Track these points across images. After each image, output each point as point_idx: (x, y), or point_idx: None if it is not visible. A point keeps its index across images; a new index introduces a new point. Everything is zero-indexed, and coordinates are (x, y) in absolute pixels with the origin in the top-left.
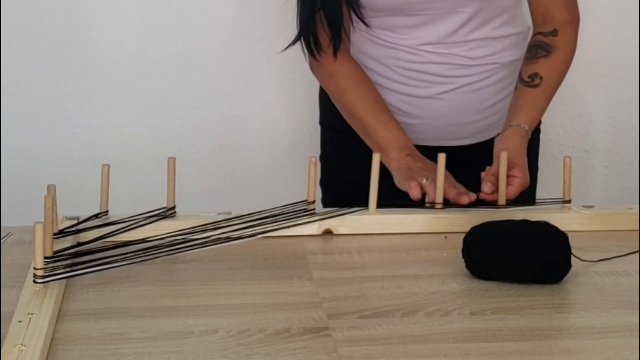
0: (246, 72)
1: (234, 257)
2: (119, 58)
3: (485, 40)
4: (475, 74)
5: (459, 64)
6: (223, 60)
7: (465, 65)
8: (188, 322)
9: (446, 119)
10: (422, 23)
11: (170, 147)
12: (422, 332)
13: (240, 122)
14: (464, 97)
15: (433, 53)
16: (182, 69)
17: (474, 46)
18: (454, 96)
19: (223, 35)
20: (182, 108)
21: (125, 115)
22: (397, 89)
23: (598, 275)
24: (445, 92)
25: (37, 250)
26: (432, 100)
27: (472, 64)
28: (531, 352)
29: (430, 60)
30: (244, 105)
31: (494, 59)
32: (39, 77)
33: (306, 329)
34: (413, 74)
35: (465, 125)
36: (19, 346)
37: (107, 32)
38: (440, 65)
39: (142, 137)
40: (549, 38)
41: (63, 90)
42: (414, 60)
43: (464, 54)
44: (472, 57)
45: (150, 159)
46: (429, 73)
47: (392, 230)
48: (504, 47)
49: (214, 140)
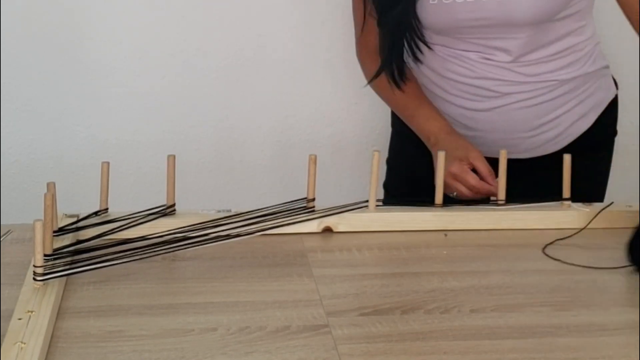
0: (245, 69)
1: (234, 255)
2: (119, 56)
3: (543, 59)
4: (532, 90)
5: (513, 81)
6: (222, 57)
7: (521, 82)
8: (188, 319)
9: (501, 133)
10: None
11: (169, 144)
12: (421, 329)
13: (240, 119)
14: (520, 112)
15: (487, 70)
16: (181, 66)
17: (530, 64)
18: (509, 111)
19: (222, 32)
20: (181, 105)
21: (125, 113)
22: (453, 101)
23: (597, 272)
24: (501, 106)
25: (37, 247)
26: (488, 113)
27: (529, 81)
28: (531, 350)
29: (485, 76)
30: (244, 102)
31: (552, 77)
32: (39, 75)
33: (306, 327)
34: (468, 88)
35: (521, 140)
36: (19, 344)
37: (106, 29)
38: (495, 82)
39: (142, 134)
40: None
41: (63, 88)
42: (469, 75)
43: (519, 70)
44: (528, 74)
45: (150, 156)
46: (483, 88)
47: (391, 228)
48: (564, 65)
49: (214, 138)
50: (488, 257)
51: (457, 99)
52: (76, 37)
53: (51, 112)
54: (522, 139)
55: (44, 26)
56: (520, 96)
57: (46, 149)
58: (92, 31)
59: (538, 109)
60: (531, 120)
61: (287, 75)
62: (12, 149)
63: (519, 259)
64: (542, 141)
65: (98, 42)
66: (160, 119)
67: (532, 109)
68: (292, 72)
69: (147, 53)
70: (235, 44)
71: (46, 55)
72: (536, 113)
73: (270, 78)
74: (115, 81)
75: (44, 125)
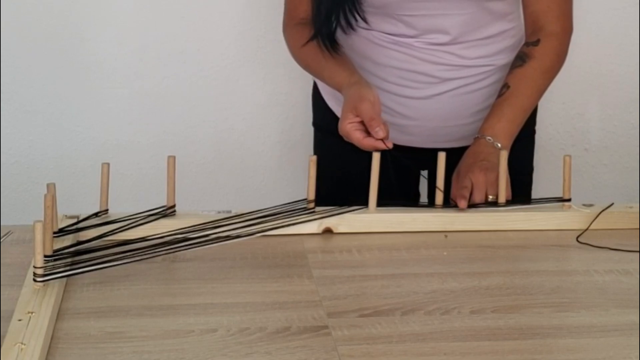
0: (246, 70)
1: (234, 256)
2: (119, 56)
3: (480, 41)
4: (470, 75)
5: (453, 65)
6: (223, 58)
7: (459, 67)
8: (188, 320)
9: (440, 121)
10: (417, 23)
11: (170, 145)
12: (422, 330)
13: (240, 120)
14: (458, 99)
15: (427, 53)
16: (182, 67)
17: (469, 46)
18: (448, 98)
19: (223, 33)
20: (181, 106)
21: (125, 114)
22: (392, 90)
23: (598, 273)
24: (439, 94)
25: (37, 248)
26: (426, 101)
27: (467, 65)
28: (531, 351)
29: (425, 59)
30: (244, 103)
31: (488, 61)
32: (39, 75)
33: (306, 328)
34: (408, 74)
35: (459, 128)
36: (19, 345)
37: (106, 30)
38: (435, 66)
39: (142, 135)
40: (529, 48)
41: (63, 89)
42: (408, 60)
43: (458, 52)
44: (467, 57)
45: (150, 157)
46: (423, 74)
47: (392, 229)
48: (500, 50)
49: (214, 139)
50: (488, 258)
51: (396, 87)
52: (76, 38)
53: (51, 113)
54: (459, 126)
55: (44, 27)
56: (459, 82)
57: (46, 149)
58: (92, 32)
59: (476, 95)
60: (469, 107)
61: (287, 76)
62: (12, 149)
63: (519, 260)
64: (477, 129)
65: (98, 43)
66: (160, 119)
67: (470, 95)
68: (292, 73)
69: (147, 53)
70: (235, 44)
71: (46, 56)
72: (474, 100)
73: (270, 79)
74: (116, 82)
75: (44, 126)
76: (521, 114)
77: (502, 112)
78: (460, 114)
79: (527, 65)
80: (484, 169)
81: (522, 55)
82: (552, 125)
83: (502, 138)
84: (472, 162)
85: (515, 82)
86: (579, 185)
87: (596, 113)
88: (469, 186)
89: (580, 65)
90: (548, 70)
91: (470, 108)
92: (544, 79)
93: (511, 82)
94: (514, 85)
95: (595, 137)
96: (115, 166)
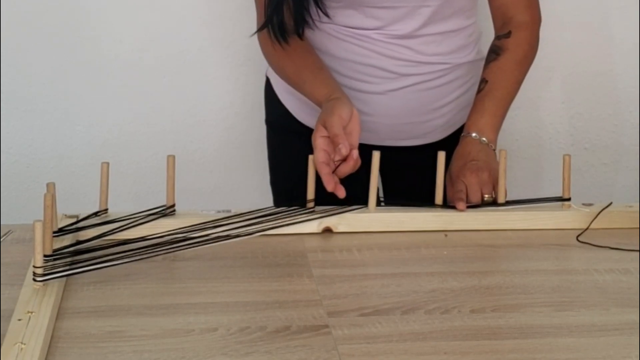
0: (246, 69)
1: (234, 255)
2: (119, 55)
3: (438, 36)
4: (426, 72)
5: (410, 61)
6: (223, 57)
7: (417, 63)
8: (188, 319)
9: (397, 118)
10: (382, 15)
11: (169, 144)
12: (422, 330)
13: (240, 119)
14: (415, 95)
15: (386, 48)
16: (182, 66)
17: (427, 41)
18: (405, 94)
19: (222, 32)
20: (181, 105)
21: (125, 113)
22: (349, 85)
23: (598, 273)
24: (396, 89)
25: (37, 248)
26: (383, 96)
27: (424, 62)
28: (531, 350)
29: (384, 54)
30: (244, 102)
31: (445, 59)
32: (39, 74)
33: (306, 327)
34: (365, 68)
35: (415, 125)
36: (19, 344)
37: (106, 29)
38: (392, 61)
39: (142, 134)
40: (502, 41)
41: (63, 88)
42: (366, 54)
43: (416, 47)
44: (424, 53)
45: (150, 156)
46: (380, 68)
47: (392, 228)
48: (456, 47)
49: (214, 138)
50: (488, 257)
51: (353, 81)
52: (76, 37)
53: (51, 112)
54: (415, 124)
55: (44, 26)
56: (416, 79)
57: (46, 149)
58: (92, 31)
59: (432, 93)
60: (426, 104)
61: None
62: (12, 149)
63: (519, 260)
64: (432, 127)
65: (98, 42)
66: (160, 118)
67: (427, 92)
68: None
69: (148, 53)
70: (236, 44)
71: (46, 55)
72: (430, 98)
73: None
74: (115, 81)
75: (44, 125)
76: (503, 107)
77: (484, 107)
78: (417, 111)
79: (502, 57)
80: (475, 170)
81: (496, 48)
82: (552, 125)
83: (487, 133)
84: (462, 165)
85: (492, 76)
86: (578, 185)
87: (596, 112)
88: (464, 189)
89: (579, 65)
90: (522, 61)
91: (426, 105)
92: (519, 70)
93: (489, 77)
94: (491, 79)
95: (595, 137)
96: (115, 165)
